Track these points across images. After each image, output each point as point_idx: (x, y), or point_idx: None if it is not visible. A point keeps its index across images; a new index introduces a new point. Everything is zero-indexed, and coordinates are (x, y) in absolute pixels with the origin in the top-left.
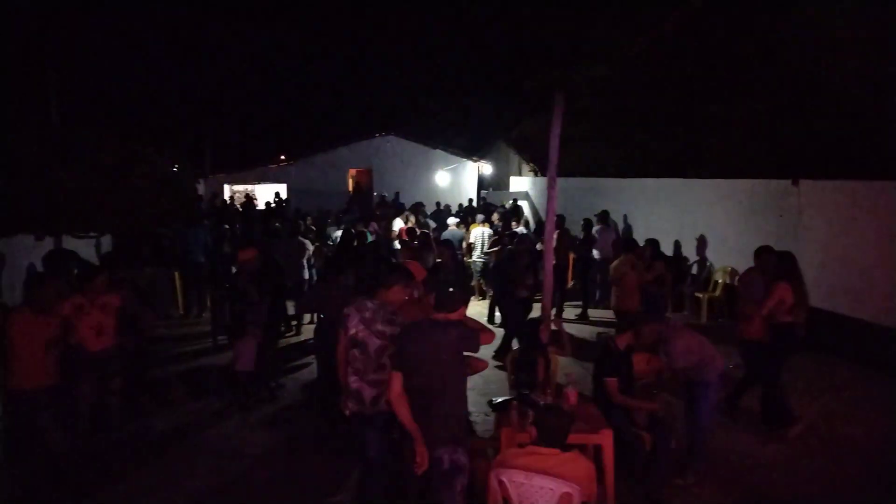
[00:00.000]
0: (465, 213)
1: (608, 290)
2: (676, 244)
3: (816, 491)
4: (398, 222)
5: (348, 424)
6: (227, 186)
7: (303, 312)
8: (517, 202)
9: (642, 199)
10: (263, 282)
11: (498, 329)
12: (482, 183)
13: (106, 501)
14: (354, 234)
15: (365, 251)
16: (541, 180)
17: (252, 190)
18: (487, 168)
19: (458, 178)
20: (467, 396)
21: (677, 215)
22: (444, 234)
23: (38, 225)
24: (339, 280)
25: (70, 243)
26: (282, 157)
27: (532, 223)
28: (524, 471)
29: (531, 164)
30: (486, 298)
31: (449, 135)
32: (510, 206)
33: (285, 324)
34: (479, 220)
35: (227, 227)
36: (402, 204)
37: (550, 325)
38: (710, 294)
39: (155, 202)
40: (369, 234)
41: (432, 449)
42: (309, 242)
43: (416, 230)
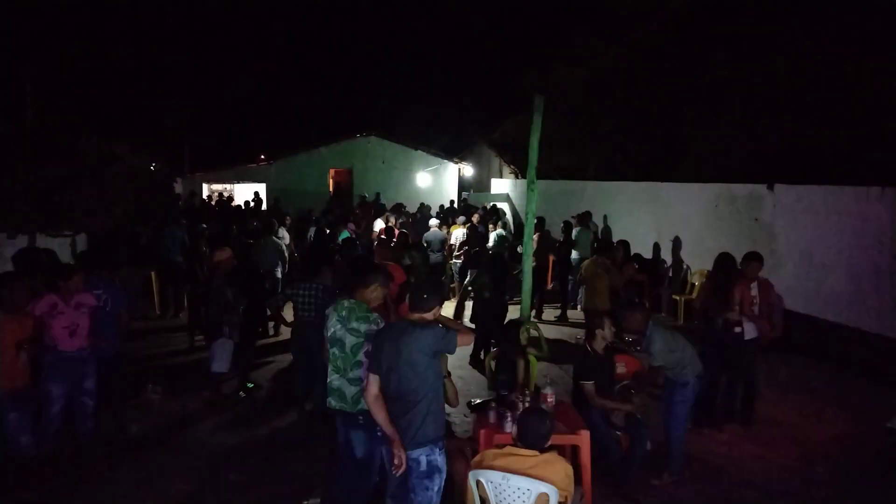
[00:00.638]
0: (446, 215)
1: None
2: (656, 247)
3: (788, 490)
4: (379, 223)
5: (327, 425)
6: (205, 185)
7: (274, 313)
8: (495, 206)
9: (621, 202)
10: (240, 282)
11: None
12: (463, 184)
13: None
14: (329, 234)
15: (340, 251)
16: (521, 182)
17: (231, 189)
18: (468, 170)
19: (439, 180)
20: (445, 397)
21: (655, 218)
22: (426, 236)
23: (10, 223)
24: (315, 281)
25: (44, 242)
26: (261, 157)
27: (512, 225)
28: (502, 471)
29: (512, 167)
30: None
31: (430, 136)
32: (489, 208)
33: (262, 325)
34: (460, 222)
35: (204, 226)
36: (383, 205)
37: (529, 326)
38: (687, 297)
39: (131, 201)
40: (347, 234)
41: (410, 450)
42: (283, 243)
43: (394, 230)
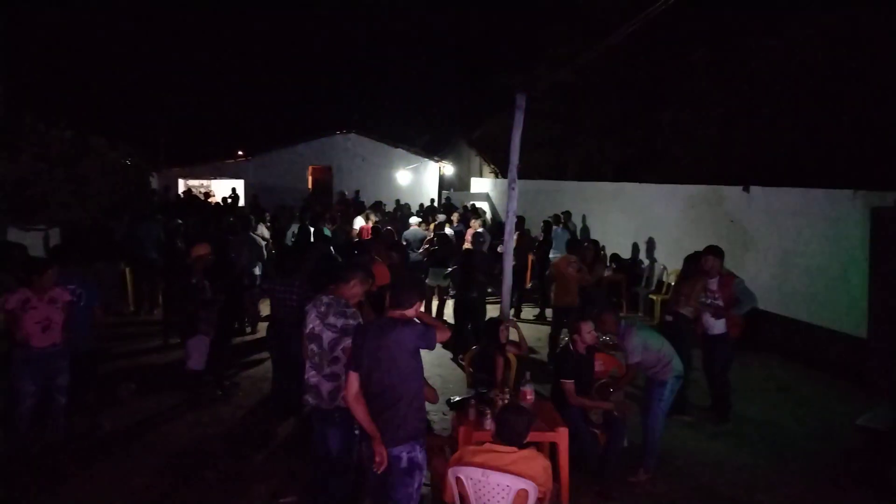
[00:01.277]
0: (427, 213)
1: None
2: (634, 246)
3: (761, 486)
4: (359, 220)
5: (305, 423)
6: (181, 181)
7: (250, 308)
8: (474, 205)
9: (599, 202)
10: (217, 278)
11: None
12: (443, 183)
13: (50, 503)
14: (312, 231)
15: (317, 248)
16: (501, 182)
17: (209, 185)
18: (449, 168)
19: (419, 178)
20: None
21: (633, 218)
22: (406, 234)
23: None
24: (293, 277)
25: (16, 235)
26: (239, 153)
27: (490, 223)
28: (481, 468)
29: (492, 166)
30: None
31: (410, 134)
32: (469, 208)
33: (239, 322)
34: (440, 220)
35: (180, 221)
36: (363, 202)
37: (509, 325)
38: (664, 296)
39: (106, 194)
40: (327, 230)
41: (391, 447)
42: (260, 239)
43: (380, 228)
